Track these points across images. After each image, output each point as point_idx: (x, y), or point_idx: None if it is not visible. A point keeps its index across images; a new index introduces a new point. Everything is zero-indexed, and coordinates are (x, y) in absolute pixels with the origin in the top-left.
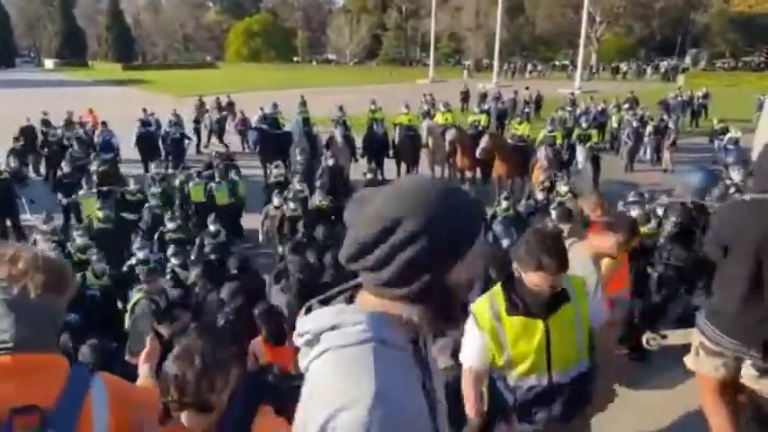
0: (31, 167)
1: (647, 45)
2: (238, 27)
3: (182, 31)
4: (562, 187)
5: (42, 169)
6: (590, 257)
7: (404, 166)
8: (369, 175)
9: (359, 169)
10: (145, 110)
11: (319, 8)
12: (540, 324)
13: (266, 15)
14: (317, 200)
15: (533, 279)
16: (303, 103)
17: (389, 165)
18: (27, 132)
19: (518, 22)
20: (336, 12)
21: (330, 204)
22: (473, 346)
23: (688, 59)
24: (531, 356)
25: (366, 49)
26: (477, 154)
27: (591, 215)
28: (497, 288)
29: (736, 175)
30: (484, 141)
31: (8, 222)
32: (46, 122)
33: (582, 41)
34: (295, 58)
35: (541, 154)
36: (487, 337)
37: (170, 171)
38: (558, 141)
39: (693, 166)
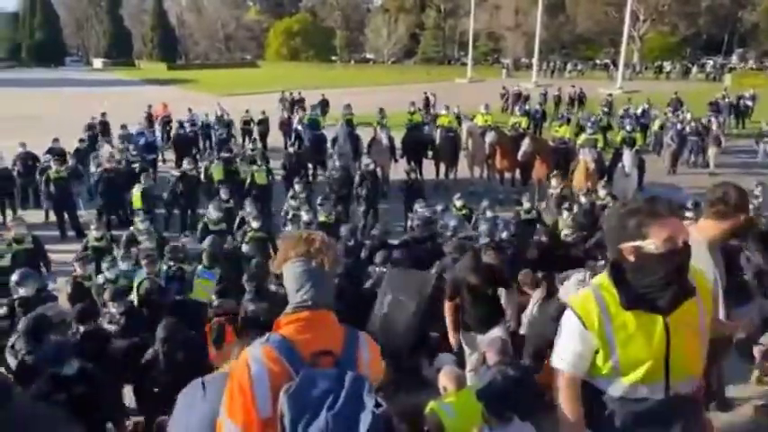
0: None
1: (692, 44)
2: (278, 27)
3: (223, 31)
4: (601, 191)
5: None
6: (705, 243)
7: (443, 167)
8: (412, 175)
9: (398, 169)
10: (190, 109)
11: (358, 7)
12: (659, 321)
13: (306, 15)
14: (323, 215)
15: (664, 232)
16: (348, 105)
17: (428, 165)
18: (92, 131)
19: (558, 20)
20: (375, 11)
21: (335, 220)
22: (574, 349)
23: (735, 58)
24: (645, 361)
25: (404, 49)
26: (519, 157)
27: None
28: (602, 278)
29: None
30: (525, 144)
31: (65, 216)
32: (104, 123)
33: (624, 40)
34: (333, 58)
35: (588, 158)
36: (594, 338)
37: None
38: (600, 145)
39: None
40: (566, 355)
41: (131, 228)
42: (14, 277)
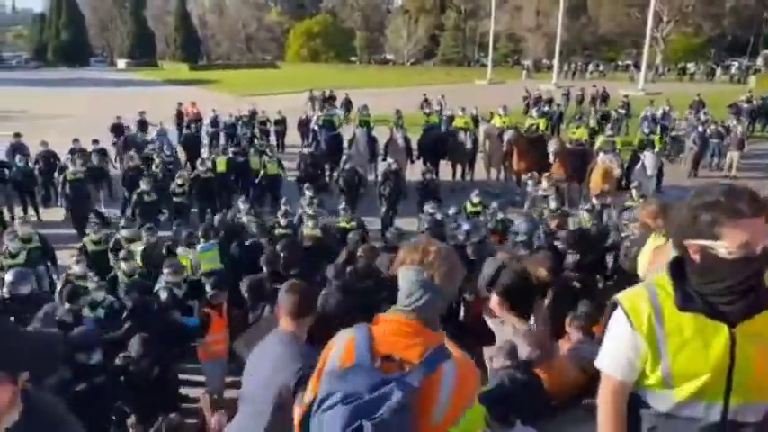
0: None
1: (716, 45)
2: (299, 28)
3: (244, 32)
4: (635, 193)
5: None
6: None
7: (459, 168)
8: (428, 176)
9: (415, 170)
10: (214, 110)
11: (378, 8)
12: (723, 330)
13: (326, 16)
14: (344, 220)
15: (741, 235)
16: (365, 107)
17: (445, 167)
18: (117, 130)
19: (580, 21)
20: (395, 12)
21: (320, 236)
22: (622, 351)
23: (760, 60)
24: (701, 375)
25: (424, 50)
26: (551, 157)
27: (651, 223)
28: (660, 275)
29: None
30: (553, 145)
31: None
32: (142, 123)
33: (647, 41)
34: (353, 59)
35: (614, 164)
36: (643, 341)
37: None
38: (618, 147)
39: None
40: (616, 358)
41: (117, 234)
42: (9, 277)
